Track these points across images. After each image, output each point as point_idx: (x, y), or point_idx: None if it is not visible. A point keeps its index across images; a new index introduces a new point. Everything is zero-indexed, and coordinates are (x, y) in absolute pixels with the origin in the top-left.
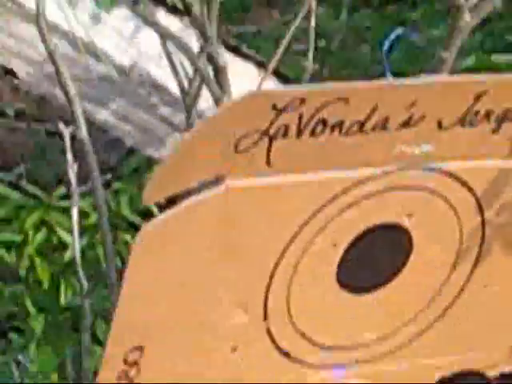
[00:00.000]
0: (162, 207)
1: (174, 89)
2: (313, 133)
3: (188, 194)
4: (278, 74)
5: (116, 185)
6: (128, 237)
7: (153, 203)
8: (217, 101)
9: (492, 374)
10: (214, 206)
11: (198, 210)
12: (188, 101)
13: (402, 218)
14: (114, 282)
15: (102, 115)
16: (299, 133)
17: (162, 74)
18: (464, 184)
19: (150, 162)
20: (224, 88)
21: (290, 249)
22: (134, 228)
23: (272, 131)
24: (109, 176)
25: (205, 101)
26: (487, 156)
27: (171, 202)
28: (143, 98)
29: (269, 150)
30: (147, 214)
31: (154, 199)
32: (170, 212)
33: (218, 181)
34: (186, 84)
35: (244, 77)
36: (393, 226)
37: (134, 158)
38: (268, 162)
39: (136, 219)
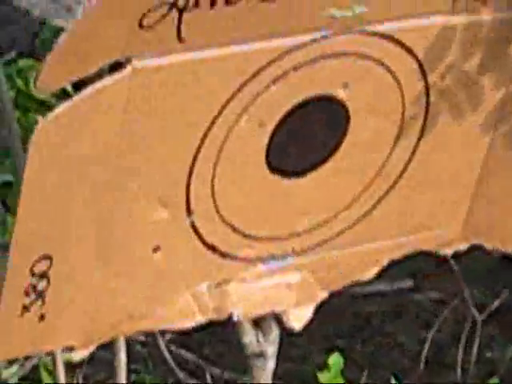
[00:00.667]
0: (79, 85)
1: None
2: (228, 1)
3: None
4: None
5: (22, 61)
6: (40, 118)
7: (49, 92)
8: None
9: (446, 252)
10: (120, 91)
11: (101, 97)
12: None
13: (336, 89)
14: (21, 167)
15: None
16: (212, 1)
17: None
18: (403, 46)
19: (60, 33)
20: None
21: (210, 133)
22: (48, 108)
23: (181, 2)
24: (13, 53)
25: None
26: (428, 13)
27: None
28: None
29: (179, 24)
30: (61, 94)
31: (50, 87)
32: (69, 102)
33: (123, 63)
34: None
35: None
36: (326, 98)
37: (42, 30)
38: (179, 38)
39: (47, 98)
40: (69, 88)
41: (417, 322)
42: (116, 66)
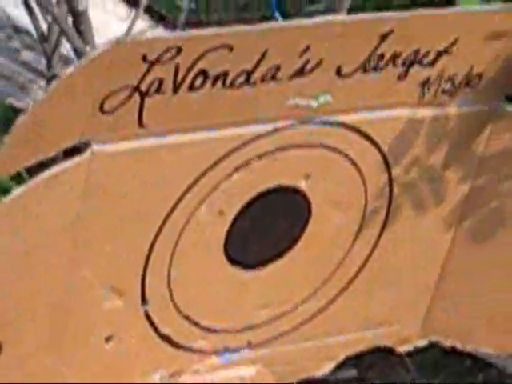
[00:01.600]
0: (33, 171)
1: None
2: (192, 87)
3: (54, 160)
4: (150, 11)
5: None
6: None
7: (6, 175)
8: (78, 52)
9: (404, 348)
10: (78, 175)
11: (59, 181)
12: (48, 49)
13: (299, 181)
14: None
15: None
16: (176, 87)
17: (23, 15)
18: (368, 138)
19: (14, 112)
20: (85, 37)
21: (169, 221)
22: (1, 190)
23: (144, 87)
24: None
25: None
26: (394, 105)
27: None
28: (2, 42)
29: (141, 109)
30: (16, 177)
31: (7, 170)
32: (25, 185)
33: (81, 147)
34: (45, 30)
35: (112, 16)
36: (288, 189)
37: None
38: (140, 123)
39: (4, 180)
40: (22, 170)
41: None
42: (71, 151)
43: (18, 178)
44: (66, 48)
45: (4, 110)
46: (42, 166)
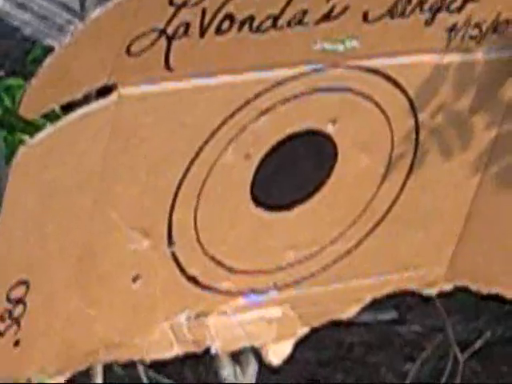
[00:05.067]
0: (67, 107)
1: None
2: (218, 30)
3: (85, 101)
4: None
5: (11, 80)
6: (26, 137)
7: (34, 116)
8: None
9: (430, 292)
10: (106, 118)
11: (86, 123)
12: None
13: (325, 124)
14: (3, 185)
15: None
16: (202, 31)
17: None
18: (394, 83)
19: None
20: None
21: (195, 163)
22: (35, 128)
23: (170, 30)
24: (2, 72)
25: None
26: (420, 51)
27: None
28: None
29: (168, 52)
30: (49, 114)
31: (35, 111)
32: (54, 126)
33: (109, 89)
34: None
35: None
36: (315, 132)
37: (33, 48)
38: (167, 66)
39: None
40: (57, 108)
41: (400, 355)
42: (103, 91)
43: (52, 116)
44: None
45: (43, 51)
46: (76, 105)
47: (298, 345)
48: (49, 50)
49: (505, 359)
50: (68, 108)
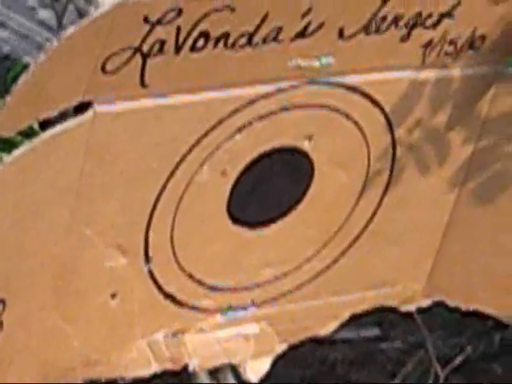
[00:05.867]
0: (45, 124)
1: None
2: (193, 48)
3: (62, 119)
4: None
5: None
6: (3, 154)
7: (10, 134)
8: (81, 13)
9: (408, 308)
10: (81, 135)
11: (62, 140)
12: (58, 8)
13: (301, 141)
14: None
15: None
16: (177, 48)
17: None
18: (371, 99)
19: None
20: None
21: (171, 181)
22: (10, 145)
23: (146, 47)
24: None
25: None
26: (396, 67)
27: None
28: (19, 0)
29: (143, 69)
30: (26, 132)
31: (11, 129)
32: (27, 145)
33: (83, 106)
34: None
35: None
36: (291, 150)
37: (13, 67)
38: (142, 83)
39: (12, 135)
40: (35, 126)
41: (382, 372)
42: (81, 108)
43: (31, 133)
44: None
45: (21, 69)
46: (54, 122)
47: (281, 362)
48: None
49: (486, 375)
50: (46, 125)
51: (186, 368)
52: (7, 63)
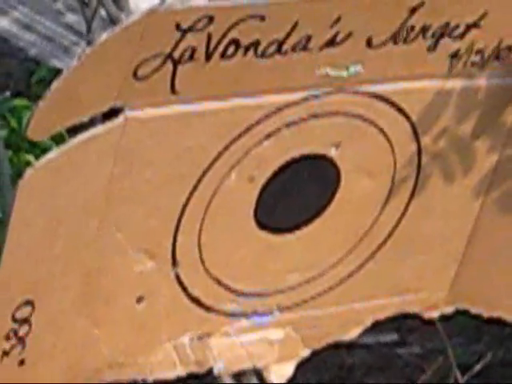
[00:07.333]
0: (72, 129)
1: None
2: (224, 55)
3: (91, 124)
4: None
5: (16, 101)
6: (32, 158)
7: (41, 138)
8: (113, 20)
9: (431, 315)
10: (111, 140)
11: (92, 146)
12: (88, 13)
13: (328, 149)
14: (9, 206)
15: (3, 23)
16: (208, 55)
17: None
18: (397, 108)
19: (56, 74)
20: (120, 4)
21: (200, 186)
22: (40, 149)
23: (177, 54)
24: (7, 93)
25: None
26: (423, 76)
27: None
28: (47, 4)
29: (173, 76)
30: (55, 135)
31: (42, 134)
32: (60, 149)
33: (115, 112)
34: None
35: None
36: (318, 157)
37: (37, 69)
38: (173, 89)
39: (44, 141)
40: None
41: (400, 377)
42: (109, 114)
43: (58, 137)
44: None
45: (48, 72)
46: (82, 127)
47: (299, 366)
48: (54, 70)
49: (505, 382)
50: (73, 129)
51: (210, 371)
52: (31, 66)
